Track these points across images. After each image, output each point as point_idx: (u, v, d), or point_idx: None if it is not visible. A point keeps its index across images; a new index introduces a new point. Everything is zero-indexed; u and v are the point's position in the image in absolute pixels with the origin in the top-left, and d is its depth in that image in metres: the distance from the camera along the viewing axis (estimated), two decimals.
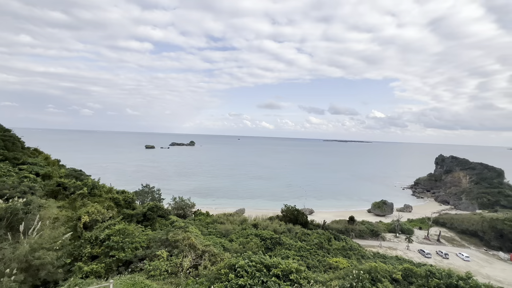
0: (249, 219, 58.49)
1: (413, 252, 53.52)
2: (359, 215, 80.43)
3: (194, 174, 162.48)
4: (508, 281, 42.53)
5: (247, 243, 34.33)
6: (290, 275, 16.54)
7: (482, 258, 53.62)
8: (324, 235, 43.79)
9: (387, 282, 16.86)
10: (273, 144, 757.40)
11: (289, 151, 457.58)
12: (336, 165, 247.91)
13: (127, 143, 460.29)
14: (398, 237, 62.06)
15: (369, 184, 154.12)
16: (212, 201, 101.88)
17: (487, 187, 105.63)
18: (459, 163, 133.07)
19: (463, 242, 62.36)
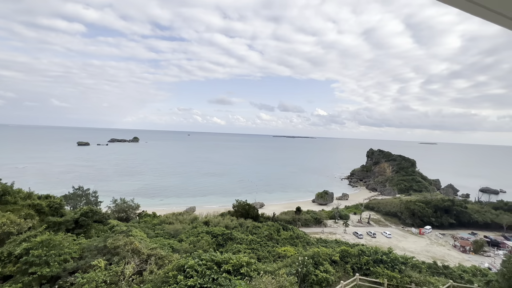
0: (200, 217, 57.13)
1: (349, 234, 60.67)
2: (305, 205, 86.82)
3: (139, 173, 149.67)
4: (417, 250, 52.16)
5: (197, 241, 33.49)
6: (241, 269, 16.85)
7: (400, 234, 64.38)
8: (273, 226, 45.83)
9: (327, 264, 18.72)
10: (225, 140, 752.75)
11: (241, 147, 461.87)
12: (285, 160, 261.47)
13: (53, 139, 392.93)
14: (337, 222, 69.36)
15: (313, 176, 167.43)
16: (159, 201, 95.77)
17: (404, 175, 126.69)
18: (384, 156, 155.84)
19: (386, 222, 73.60)
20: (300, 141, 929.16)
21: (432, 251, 53.17)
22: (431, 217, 69.68)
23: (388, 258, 19.17)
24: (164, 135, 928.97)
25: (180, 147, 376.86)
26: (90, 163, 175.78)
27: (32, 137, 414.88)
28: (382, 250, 20.74)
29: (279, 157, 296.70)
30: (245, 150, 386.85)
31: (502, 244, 56.46)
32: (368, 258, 19.51)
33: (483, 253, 52.87)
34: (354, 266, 19.26)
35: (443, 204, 72.13)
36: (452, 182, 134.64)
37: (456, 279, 19.63)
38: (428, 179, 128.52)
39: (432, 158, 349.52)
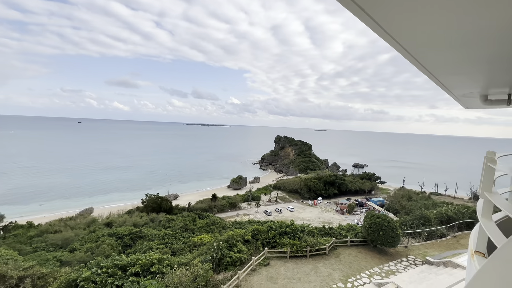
0: (100, 219, 48.96)
1: (261, 213, 66.85)
2: (221, 192, 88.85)
3: (2, 173, 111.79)
4: (312, 218, 63.47)
5: (97, 247, 28.76)
6: (152, 267, 15.69)
7: (300, 207, 76.31)
8: (189, 216, 44.76)
9: (241, 244, 20.01)
10: (130, 128, 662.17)
11: (150, 135, 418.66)
12: (200, 148, 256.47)
13: None
14: (250, 204, 74.88)
15: (228, 163, 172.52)
16: (39, 206, 75.38)
17: (303, 157, 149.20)
18: (289, 141, 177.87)
19: (290, 198, 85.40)
20: (215, 128, 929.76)
21: (322, 217, 65.86)
22: (321, 190, 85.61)
23: (290, 229, 22.33)
24: (41, 122, 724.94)
25: (68, 138, 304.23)
26: None
27: None
28: (286, 223, 23.91)
29: (193, 145, 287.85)
30: (156, 139, 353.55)
31: (365, 204, 76.25)
32: (275, 232, 22.07)
33: (354, 213, 69.87)
34: (264, 242, 21.42)
35: (329, 179, 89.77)
36: (335, 161, 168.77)
37: (337, 236, 25.15)
38: (320, 160, 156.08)
39: (323, 142, 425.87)
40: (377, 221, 22.04)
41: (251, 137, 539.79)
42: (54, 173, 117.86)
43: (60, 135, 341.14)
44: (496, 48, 2.60)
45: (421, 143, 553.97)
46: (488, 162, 3.04)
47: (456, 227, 28.47)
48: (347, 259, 20.31)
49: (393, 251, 22.53)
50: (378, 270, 18.84)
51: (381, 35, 2.40)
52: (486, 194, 2.80)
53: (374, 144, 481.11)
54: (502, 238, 2.22)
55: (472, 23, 1.96)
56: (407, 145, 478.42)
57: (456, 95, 5.77)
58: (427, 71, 3.49)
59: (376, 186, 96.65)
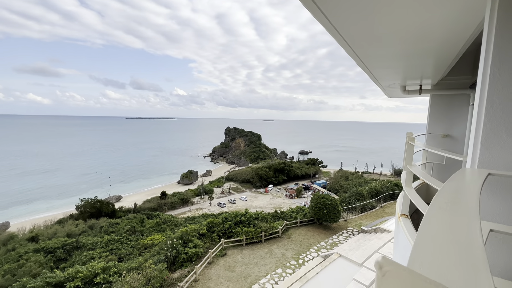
0: (20, 234, 41.06)
1: (214, 206, 66.47)
2: (171, 188, 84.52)
3: None
4: (264, 205, 66.38)
5: (19, 267, 24.25)
6: (95, 278, 14.13)
7: (253, 195, 78.71)
8: (136, 218, 41.50)
9: (196, 239, 19.64)
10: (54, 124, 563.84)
11: (81, 132, 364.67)
12: (144, 144, 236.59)
13: None
14: (203, 198, 73.53)
15: (177, 157, 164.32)
16: None
17: (254, 147, 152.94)
18: (239, 132, 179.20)
19: (243, 188, 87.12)
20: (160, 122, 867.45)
21: (274, 203, 69.43)
22: (272, 177, 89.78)
23: (245, 218, 22.92)
24: None
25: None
26: None
27: None
28: (240, 213, 24.40)
29: (136, 141, 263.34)
30: (88, 136, 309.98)
31: (310, 187, 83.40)
32: (230, 222, 22.33)
33: (301, 196, 75.78)
34: (220, 233, 21.49)
35: (279, 166, 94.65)
36: (284, 149, 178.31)
37: (288, 218, 26.99)
38: (270, 149, 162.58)
39: (271, 132, 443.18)
40: (321, 201, 24.45)
41: (200, 129, 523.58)
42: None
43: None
44: (413, 46, 3.17)
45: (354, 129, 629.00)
46: (409, 141, 3.71)
47: (382, 199, 33.80)
48: (298, 238, 22.08)
49: (335, 225, 25.45)
50: (324, 244, 21.08)
51: (327, 28, 2.64)
52: (408, 166, 3.44)
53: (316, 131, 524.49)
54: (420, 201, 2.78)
55: (405, 22, 2.35)
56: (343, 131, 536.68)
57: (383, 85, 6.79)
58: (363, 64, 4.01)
59: (319, 170, 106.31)
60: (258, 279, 15.96)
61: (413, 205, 3.52)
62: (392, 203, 33.61)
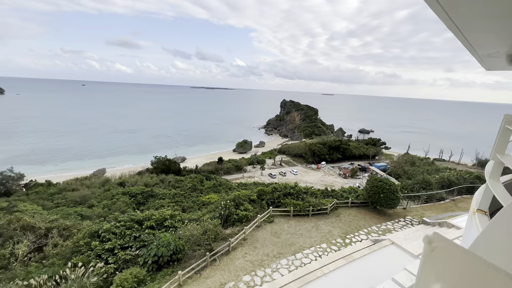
0: (113, 179, 51.68)
1: (265, 176, 69.29)
2: (226, 155, 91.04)
3: (14, 135, 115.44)
4: (315, 181, 65.68)
5: (113, 204, 30.92)
6: (165, 222, 17.01)
7: (304, 170, 78.40)
8: (197, 178, 46.79)
9: (247, 203, 21.20)
10: (134, 91, 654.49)
11: (155, 99, 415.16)
12: (205, 112, 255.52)
13: None
14: (255, 167, 77.18)
15: (233, 127, 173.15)
16: (54, 167, 79.30)
17: (309, 122, 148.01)
18: (295, 106, 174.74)
19: (294, 162, 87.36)
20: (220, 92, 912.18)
21: (325, 180, 67.95)
22: (326, 154, 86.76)
23: (294, 191, 23.32)
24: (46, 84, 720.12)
25: (73, 101, 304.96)
26: None
27: None
28: (290, 185, 24.87)
29: (199, 109, 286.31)
30: (160, 102, 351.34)
31: (367, 169, 77.71)
32: (279, 193, 23.11)
33: (356, 177, 71.71)
34: (269, 201, 22.61)
35: (334, 144, 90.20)
36: (342, 126, 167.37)
37: (339, 198, 26.27)
38: (326, 125, 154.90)
39: (330, 107, 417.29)
40: (378, 185, 22.72)
41: (256, 101, 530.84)
42: (65, 135, 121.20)
43: (66, 98, 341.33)
44: None
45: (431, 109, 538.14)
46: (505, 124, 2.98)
47: (456, 191, 29.22)
48: (347, 218, 21.52)
49: (392, 212, 23.64)
50: (376, 229, 20.04)
51: None
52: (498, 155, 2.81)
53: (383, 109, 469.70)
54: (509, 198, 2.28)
55: None
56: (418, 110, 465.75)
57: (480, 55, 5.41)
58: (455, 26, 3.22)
59: (380, 152, 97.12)
60: (302, 249, 16.58)
61: (495, 202, 2.94)
62: (468, 198, 28.82)
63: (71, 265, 12.59)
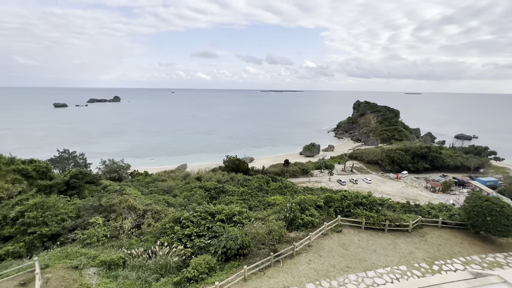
0: (192, 174, 58.79)
1: (333, 182, 65.31)
2: (293, 158, 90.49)
3: (125, 133, 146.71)
4: (393, 193, 57.63)
5: (191, 195, 35.12)
6: (233, 217, 18.19)
7: (379, 179, 69.99)
8: (263, 178, 48.24)
9: (313, 209, 20.45)
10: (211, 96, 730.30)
11: (228, 103, 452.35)
12: (273, 115, 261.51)
13: (26, 101, 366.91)
14: (323, 172, 73.79)
15: (301, 129, 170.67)
16: (150, 160, 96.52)
17: (387, 125, 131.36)
18: (370, 107, 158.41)
19: (368, 170, 79.09)
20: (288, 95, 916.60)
21: (407, 192, 58.82)
22: (408, 163, 75.05)
23: (367, 201, 21.10)
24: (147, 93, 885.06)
25: (165, 106, 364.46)
26: (72, 125, 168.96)
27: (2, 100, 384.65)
28: (362, 194, 22.64)
29: (267, 112, 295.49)
30: (233, 106, 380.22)
31: (467, 184, 62.99)
32: (349, 201, 21.36)
33: (450, 192, 59.18)
34: (337, 210, 21.18)
35: (420, 151, 77.08)
36: (431, 130, 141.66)
37: (425, 215, 22.23)
38: (410, 128, 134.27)
39: (415, 108, 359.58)
40: (484, 204, 18.05)
41: (326, 103, 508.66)
42: (158, 134, 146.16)
43: (160, 103, 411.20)
44: None
45: None
46: None
47: None
48: (436, 241, 17.97)
49: (503, 241, 18.43)
50: (478, 260, 16.01)
51: None
52: None
53: (491, 110, 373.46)
54: None
55: None
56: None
57: None
58: None
59: (487, 164, 77.40)
60: (375, 267, 14.80)
61: None
62: None
63: (159, 243, 15.00)
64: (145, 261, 13.92)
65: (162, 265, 13.54)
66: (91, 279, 12.05)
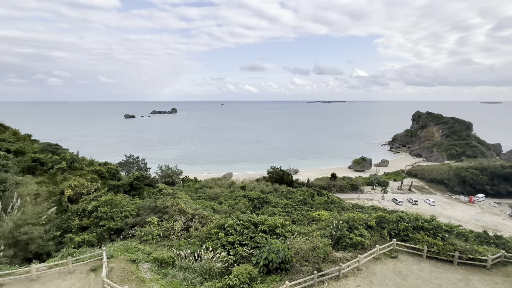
0: (237, 182, 60.51)
1: (388, 201, 58.99)
2: (340, 172, 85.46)
3: (179, 142, 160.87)
4: (465, 219, 48.91)
5: (235, 204, 36.01)
6: (276, 229, 17.89)
7: (446, 202, 60.42)
8: (308, 192, 46.63)
9: (363, 229, 18.72)
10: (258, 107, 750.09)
11: (274, 114, 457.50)
12: (319, 126, 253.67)
13: (104, 113, 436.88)
14: (375, 189, 67.51)
15: (350, 142, 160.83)
16: (199, 167, 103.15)
17: (456, 139, 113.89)
18: (434, 118, 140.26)
19: (431, 190, 69.23)
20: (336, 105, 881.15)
21: (483, 220, 49.33)
22: (485, 184, 63.26)
23: (430, 226, 18.35)
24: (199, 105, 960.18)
25: (215, 117, 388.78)
26: (137, 133, 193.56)
27: (87, 112, 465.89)
28: (423, 218, 19.83)
29: (313, 123, 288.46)
30: (278, 117, 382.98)
31: None
32: (407, 224, 18.93)
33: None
34: (391, 232, 18.97)
35: (502, 171, 64.31)
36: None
37: (510, 249, 18.17)
38: (486, 144, 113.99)
39: (494, 119, 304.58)
40: None
41: (379, 113, 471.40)
42: (207, 143, 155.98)
43: (211, 114, 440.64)
44: None
45: None
46: None
47: None
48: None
49: None
50: None
51: None
52: None
53: None
54: None
55: None
56: None
57: None
58: None
59: None
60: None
61: None
62: None
63: (205, 248, 15.66)
64: (191, 263, 14.67)
65: (207, 269, 14.04)
66: (145, 274, 13.22)
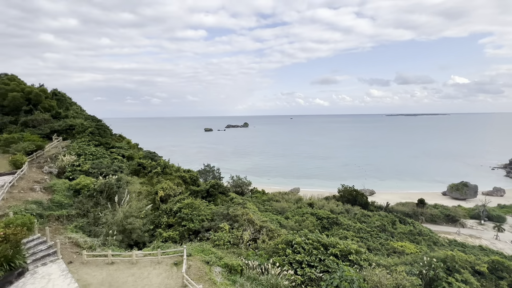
0: (304, 198, 58.55)
1: (504, 242, 45.11)
2: (431, 198, 71.34)
3: (249, 154, 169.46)
4: None
5: (303, 221, 34.71)
6: (349, 255, 16.16)
7: None
8: (387, 217, 40.74)
9: (468, 274, 14.78)
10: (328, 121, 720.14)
11: (347, 128, 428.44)
12: (402, 142, 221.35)
13: (188, 127, 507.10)
14: (483, 224, 53.00)
15: (444, 163, 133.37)
16: (267, 180, 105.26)
17: None
18: None
19: None
20: (425, 119, 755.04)
21: None
22: None
23: None
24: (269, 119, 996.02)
25: (284, 131, 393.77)
26: (214, 145, 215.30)
27: (176, 126, 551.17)
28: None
29: (393, 138, 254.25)
30: (352, 131, 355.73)
31: None
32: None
33: None
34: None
35: None
36: None
37: None
38: None
39: None
40: None
41: (488, 129, 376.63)
42: (276, 156, 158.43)
43: (280, 128, 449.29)
44: None
45: None
46: None
47: None
48: None
49: None
50: None
51: None
52: None
53: None
54: None
55: None
56: None
57: None
58: None
59: None
60: None
61: None
62: None
63: (272, 262, 15.52)
64: (258, 275, 14.74)
65: (273, 284, 13.80)
66: (216, 277, 14.05)
